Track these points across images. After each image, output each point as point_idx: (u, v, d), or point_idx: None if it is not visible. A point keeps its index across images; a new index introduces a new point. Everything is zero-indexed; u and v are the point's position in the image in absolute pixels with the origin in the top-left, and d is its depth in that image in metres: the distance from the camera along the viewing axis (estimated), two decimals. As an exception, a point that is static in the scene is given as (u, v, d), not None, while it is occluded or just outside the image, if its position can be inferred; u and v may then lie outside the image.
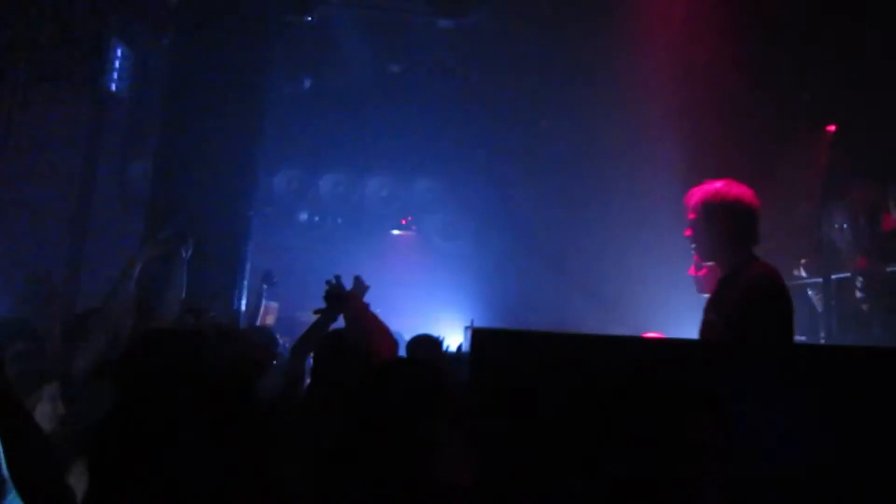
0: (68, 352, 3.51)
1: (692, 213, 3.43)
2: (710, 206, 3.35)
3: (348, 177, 10.25)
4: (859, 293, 6.53)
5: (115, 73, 7.13)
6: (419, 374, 2.16)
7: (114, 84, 7.15)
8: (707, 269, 3.84)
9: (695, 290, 4.05)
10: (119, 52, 7.11)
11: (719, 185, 3.40)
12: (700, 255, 3.54)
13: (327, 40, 8.16)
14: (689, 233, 3.45)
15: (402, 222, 10.69)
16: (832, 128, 7.37)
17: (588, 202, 9.05)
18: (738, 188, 3.38)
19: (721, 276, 3.40)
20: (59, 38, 6.23)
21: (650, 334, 3.91)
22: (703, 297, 3.57)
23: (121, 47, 7.12)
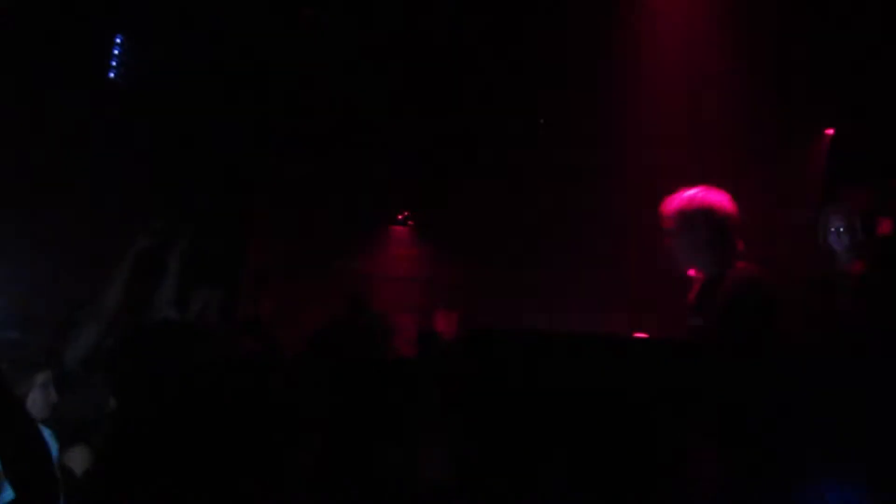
0: (61, 342, 3.51)
1: (669, 221, 3.38)
2: (686, 214, 3.32)
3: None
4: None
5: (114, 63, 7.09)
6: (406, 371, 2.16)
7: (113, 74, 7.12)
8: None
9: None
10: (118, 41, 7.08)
11: (695, 192, 3.36)
12: (680, 263, 3.47)
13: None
14: (668, 241, 3.40)
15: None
16: (830, 131, 7.38)
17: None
18: (713, 194, 3.34)
19: (703, 281, 3.37)
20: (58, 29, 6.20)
21: (638, 335, 3.89)
22: None
23: (119, 37, 7.09)
